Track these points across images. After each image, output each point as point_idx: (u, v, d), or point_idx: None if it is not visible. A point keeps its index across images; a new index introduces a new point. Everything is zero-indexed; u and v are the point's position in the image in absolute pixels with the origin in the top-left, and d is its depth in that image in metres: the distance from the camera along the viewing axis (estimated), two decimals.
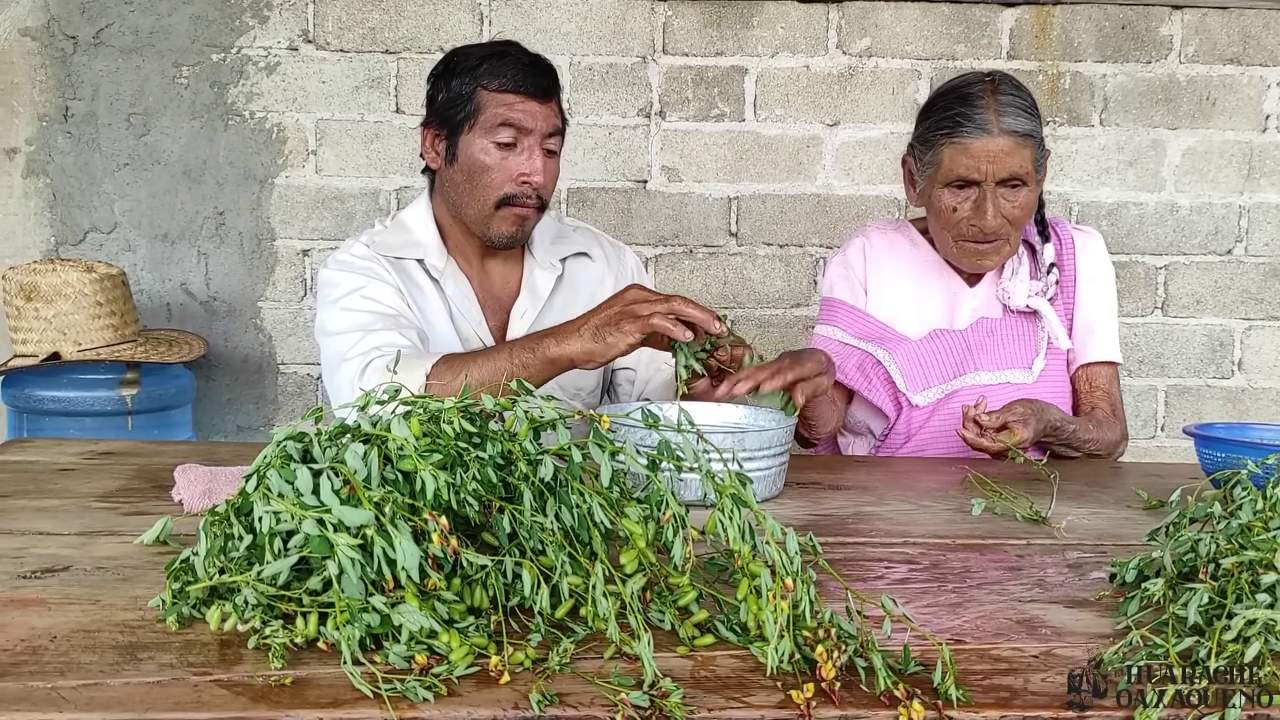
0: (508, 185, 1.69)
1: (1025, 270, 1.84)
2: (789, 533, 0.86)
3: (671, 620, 0.90)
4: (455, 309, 1.77)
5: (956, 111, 1.70)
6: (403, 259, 1.77)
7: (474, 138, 1.69)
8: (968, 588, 1.04)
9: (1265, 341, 2.99)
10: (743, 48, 2.85)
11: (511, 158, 1.69)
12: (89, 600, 0.95)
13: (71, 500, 1.32)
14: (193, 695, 0.75)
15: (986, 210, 1.70)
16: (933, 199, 1.77)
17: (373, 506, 0.84)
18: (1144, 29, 2.88)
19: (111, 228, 2.85)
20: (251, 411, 2.92)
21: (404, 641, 0.81)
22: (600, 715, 0.75)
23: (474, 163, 1.69)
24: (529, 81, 1.68)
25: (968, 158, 1.69)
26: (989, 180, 1.69)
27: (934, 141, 1.73)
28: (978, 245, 1.76)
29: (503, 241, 1.75)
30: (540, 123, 1.69)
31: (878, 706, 0.76)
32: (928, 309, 1.87)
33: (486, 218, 1.72)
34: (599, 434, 0.94)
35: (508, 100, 1.68)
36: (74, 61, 2.80)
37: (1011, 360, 1.84)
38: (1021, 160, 1.69)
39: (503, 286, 1.83)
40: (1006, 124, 1.68)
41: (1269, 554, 0.88)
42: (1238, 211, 2.94)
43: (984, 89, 1.70)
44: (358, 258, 1.74)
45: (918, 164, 1.79)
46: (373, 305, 1.67)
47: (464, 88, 1.69)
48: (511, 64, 1.69)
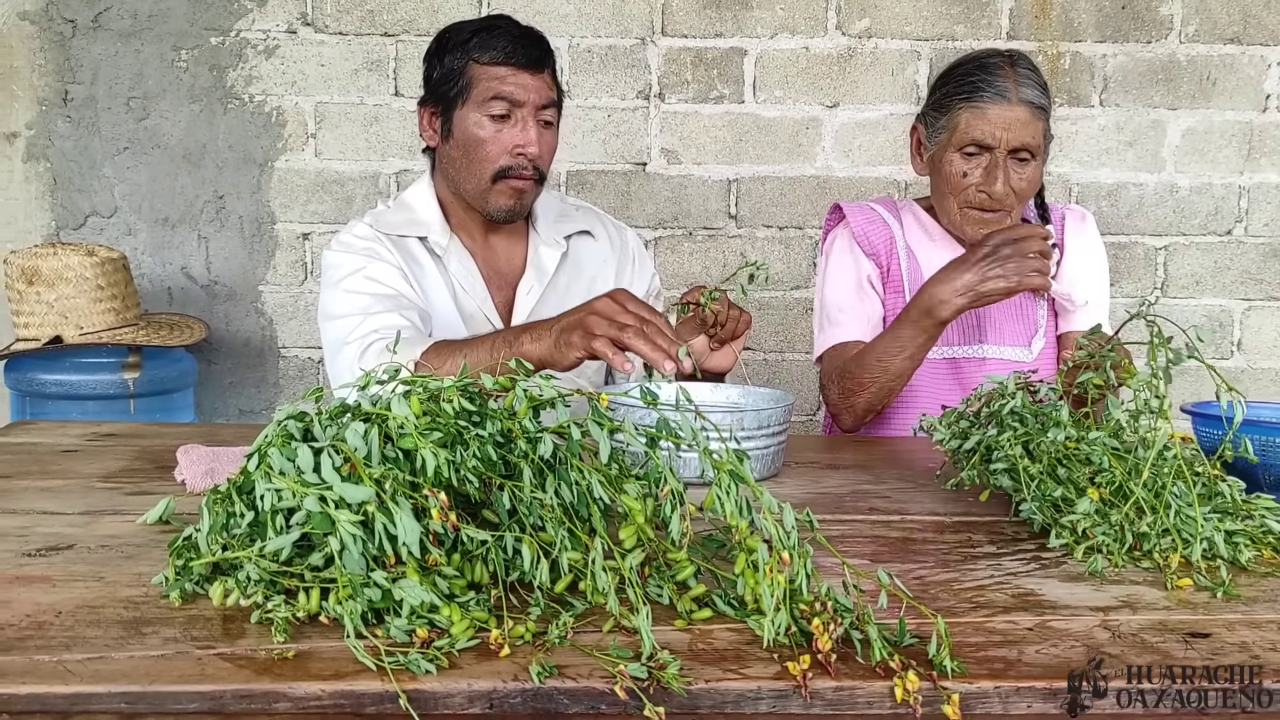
0: (503, 158, 1.70)
1: None
2: (785, 507, 0.86)
3: (670, 595, 0.91)
4: (459, 286, 1.77)
5: (977, 78, 1.73)
6: (405, 237, 1.77)
7: (468, 112, 1.70)
8: (963, 563, 1.05)
9: (1265, 322, 2.99)
10: (742, 29, 2.84)
11: (506, 130, 1.69)
12: (93, 577, 0.96)
13: (75, 481, 1.33)
14: (196, 668, 0.76)
15: (997, 177, 1.73)
16: (942, 164, 1.78)
17: (373, 483, 0.85)
18: (1144, 8, 2.87)
19: (112, 211, 2.85)
20: (253, 395, 2.92)
21: (405, 615, 0.82)
22: (599, 686, 0.76)
23: (469, 137, 1.70)
24: (520, 53, 1.69)
25: (985, 123, 1.71)
26: (1002, 147, 1.72)
27: (950, 106, 1.76)
28: (982, 213, 1.77)
29: (502, 215, 1.75)
30: (533, 94, 1.69)
31: (873, 678, 0.77)
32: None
33: (484, 191, 1.73)
34: (598, 412, 0.95)
35: (499, 73, 1.68)
36: (73, 45, 2.80)
37: (1013, 337, 1.85)
38: (1034, 132, 1.72)
39: (508, 263, 1.83)
40: (1024, 94, 1.71)
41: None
42: (1237, 192, 2.94)
43: (1003, 61, 1.75)
44: (360, 238, 1.74)
45: (929, 129, 1.81)
46: (374, 287, 1.68)
47: (456, 63, 1.70)
48: (502, 36, 1.69)
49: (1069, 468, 1.14)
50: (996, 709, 0.77)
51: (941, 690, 0.76)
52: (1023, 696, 0.77)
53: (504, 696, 0.75)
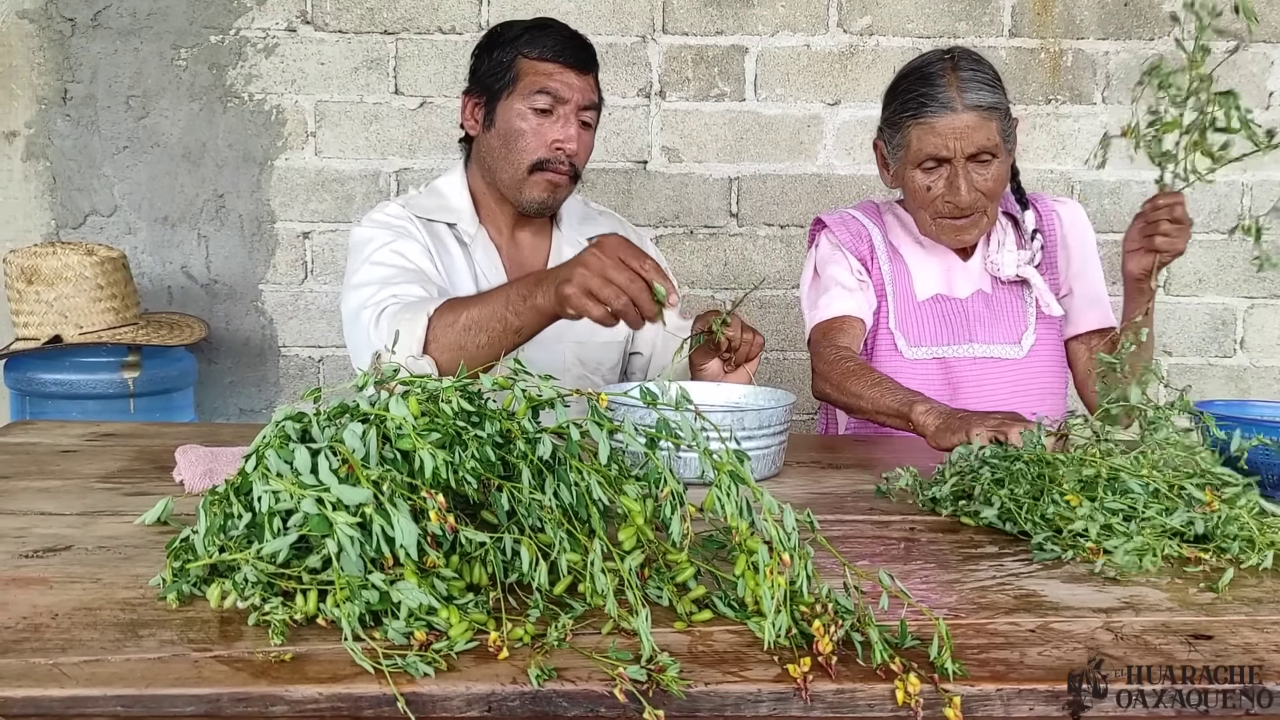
0: (541, 150, 1.74)
1: (1011, 240, 1.86)
2: (786, 508, 0.86)
3: (670, 596, 0.90)
4: (482, 275, 1.81)
5: (919, 92, 1.72)
6: (435, 221, 1.82)
7: (512, 103, 1.74)
8: (965, 564, 1.05)
9: (1268, 320, 2.98)
10: (743, 26, 2.84)
11: (547, 124, 1.74)
12: (90, 579, 0.95)
13: (73, 481, 1.32)
14: (193, 671, 0.76)
15: (960, 186, 1.72)
16: (906, 180, 1.79)
17: (371, 485, 0.84)
18: (1146, 5, 2.86)
19: (112, 211, 2.85)
20: (253, 394, 2.92)
21: (403, 618, 0.81)
22: (598, 689, 0.75)
23: (511, 127, 1.74)
24: (568, 52, 1.75)
25: (935, 136, 1.70)
26: (958, 157, 1.71)
27: (901, 124, 1.75)
28: (955, 221, 1.77)
29: (534, 207, 1.79)
30: (576, 94, 1.74)
31: (874, 680, 0.77)
32: (927, 278, 1.87)
33: (520, 182, 1.76)
34: (597, 412, 0.95)
35: (546, 69, 1.73)
36: (72, 44, 2.79)
37: (1002, 335, 1.85)
38: (988, 134, 1.70)
39: (531, 258, 1.87)
40: (970, 99, 1.69)
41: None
42: (1240, 190, 2.93)
43: (944, 67, 1.72)
44: (391, 216, 1.79)
45: (888, 147, 1.81)
46: (398, 260, 1.71)
47: (505, 56, 1.75)
48: (552, 35, 1.76)
49: (1050, 483, 1.14)
50: (998, 711, 0.76)
51: (943, 693, 0.75)
52: (1024, 699, 0.76)
53: (502, 699, 0.75)
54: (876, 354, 1.86)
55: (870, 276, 1.87)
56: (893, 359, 1.83)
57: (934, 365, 1.83)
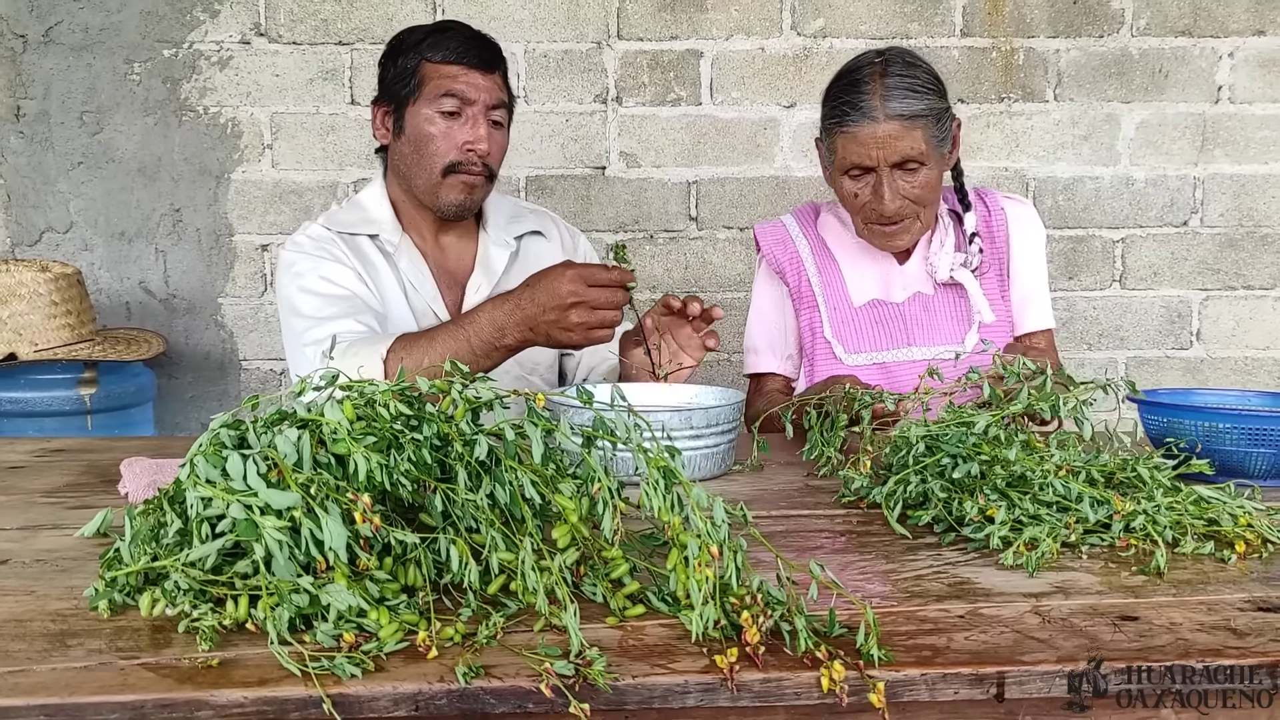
0: (453, 153, 1.75)
1: (951, 242, 1.85)
2: (716, 501, 0.86)
3: (604, 592, 0.90)
4: (410, 284, 1.80)
5: (844, 100, 1.71)
6: (357, 235, 1.81)
7: (419, 108, 1.75)
8: (905, 554, 1.06)
9: (1223, 311, 3.02)
10: (697, 31, 2.85)
11: (456, 127, 1.74)
12: (24, 591, 0.94)
13: (18, 496, 1.31)
14: (119, 678, 0.75)
15: (884, 194, 1.71)
16: (837, 185, 1.80)
17: (300, 489, 0.84)
18: (1095, 3, 2.90)
19: (67, 227, 2.83)
20: (215, 408, 2.90)
21: (332, 620, 0.81)
22: (525, 685, 0.75)
23: (420, 133, 1.75)
24: (471, 53, 1.75)
25: (858, 145, 1.69)
26: (882, 165, 1.70)
27: (830, 130, 1.75)
28: (884, 227, 1.78)
29: (452, 210, 1.79)
30: (483, 94, 1.75)
31: (800, 668, 0.77)
32: (863, 283, 1.88)
33: (435, 186, 1.77)
34: (534, 412, 0.95)
35: (450, 72, 1.73)
36: (24, 60, 2.78)
37: (944, 337, 1.84)
38: (912, 142, 1.68)
39: (457, 262, 1.87)
40: (893, 108, 1.67)
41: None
42: (1192, 183, 2.97)
43: (872, 73, 1.70)
44: (313, 239, 1.78)
45: (824, 149, 1.81)
46: (329, 288, 1.71)
47: (409, 62, 1.75)
48: (454, 37, 1.76)
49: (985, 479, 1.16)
50: (924, 695, 0.77)
51: (868, 679, 0.76)
52: (949, 683, 0.77)
53: (430, 698, 0.75)
54: (816, 363, 1.86)
55: (799, 293, 1.88)
56: (833, 367, 1.84)
57: (875, 370, 1.83)
